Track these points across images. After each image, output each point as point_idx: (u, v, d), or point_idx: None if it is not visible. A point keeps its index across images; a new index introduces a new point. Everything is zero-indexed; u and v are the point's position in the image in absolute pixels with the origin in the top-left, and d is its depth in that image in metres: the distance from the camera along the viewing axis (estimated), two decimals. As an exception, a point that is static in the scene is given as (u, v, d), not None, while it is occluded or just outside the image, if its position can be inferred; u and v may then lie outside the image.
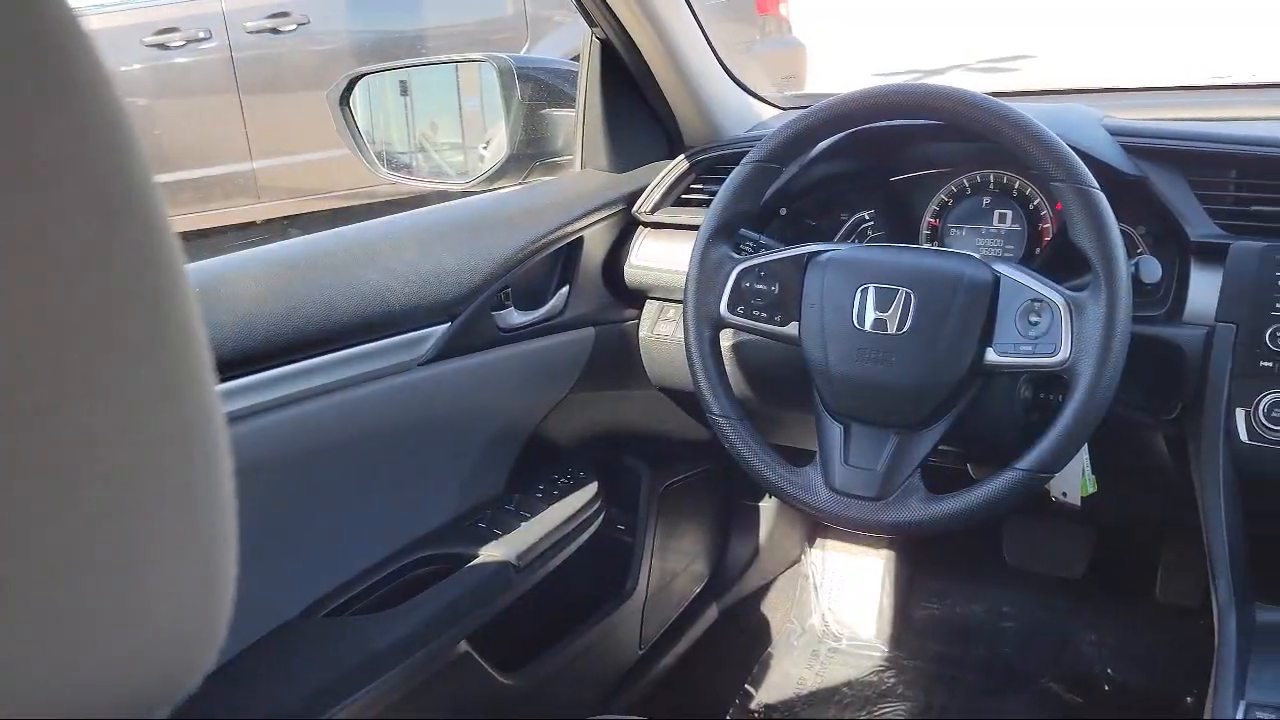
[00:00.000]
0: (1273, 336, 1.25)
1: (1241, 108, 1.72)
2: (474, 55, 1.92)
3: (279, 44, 5.24)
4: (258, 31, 5.19)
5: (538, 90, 1.89)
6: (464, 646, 1.55)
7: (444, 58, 2.08)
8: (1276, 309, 1.26)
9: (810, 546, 2.43)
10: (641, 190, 1.75)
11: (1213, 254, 1.34)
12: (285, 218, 5.39)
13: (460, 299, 1.49)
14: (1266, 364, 1.25)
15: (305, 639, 1.36)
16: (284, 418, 1.29)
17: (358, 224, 1.54)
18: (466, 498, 1.61)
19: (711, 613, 2.26)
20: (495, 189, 1.83)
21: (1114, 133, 1.43)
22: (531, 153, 1.89)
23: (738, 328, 1.39)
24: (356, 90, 1.90)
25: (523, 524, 1.59)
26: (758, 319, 1.35)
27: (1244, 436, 1.25)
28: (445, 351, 1.48)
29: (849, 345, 1.28)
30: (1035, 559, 2.22)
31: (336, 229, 1.51)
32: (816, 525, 2.42)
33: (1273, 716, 1.14)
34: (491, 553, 1.52)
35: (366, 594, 1.44)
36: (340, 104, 1.88)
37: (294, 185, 5.37)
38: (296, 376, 1.30)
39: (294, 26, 5.23)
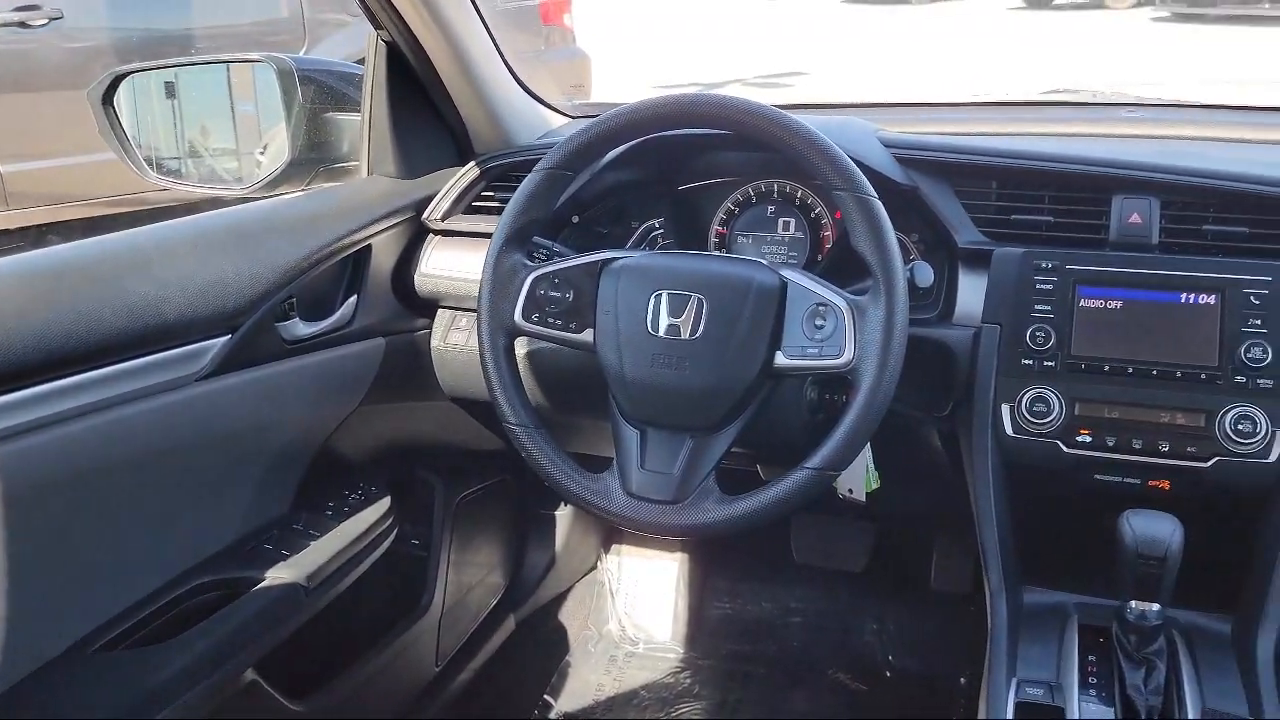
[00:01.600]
0: (1032, 336, 1.34)
1: (1000, 123, 1.84)
2: (251, 55, 1.84)
3: (28, 39, 4.87)
4: (3, 25, 4.80)
5: (320, 93, 1.83)
6: (251, 675, 1.48)
7: (218, 57, 1.99)
8: (1035, 311, 1.36)
9: (606, 553, 2.44)
10: (431, 197, 1.72)
11: (978, 260, 1.43)
12: (42, 225, 5.00)
13: (241, 310, 1.42)
14: (1027, 362, 1.34)
15: (73, 677, 1.26)
16: (45, 440, 1.19)
17: (126, 230, 1.44)
18: (251, 518, 1.53)
19: (509, 624, 2.24)
20: (276, 195, 1.76)
21: (887, 145, 1.51)
22: (315, 158, 1.82)
23: (532, 335, 1.38)
24: (121, 90, 1.78)
25: (312, 543, 1.53)
26: (552, 326, 1.35)
27: (1009, 430, 1.34)
28: (225, 365, 1.41)
29: (643, 351, 1.29)
30: (821, 555, 2.31)
31: (101, 236, 1.41)
32: (612, 532, 2.44)
33: (1041, 691, 1.22)
34: (279, 575, 1.45)
35: (143, 625, 1.35)
36: (103, 103, 1.76)
37: (51, 190, 4.98)
38: (59, 395, 1.21)
39: (45, 21, 4.86)
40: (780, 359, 1.26)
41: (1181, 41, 10.86)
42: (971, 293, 1.43)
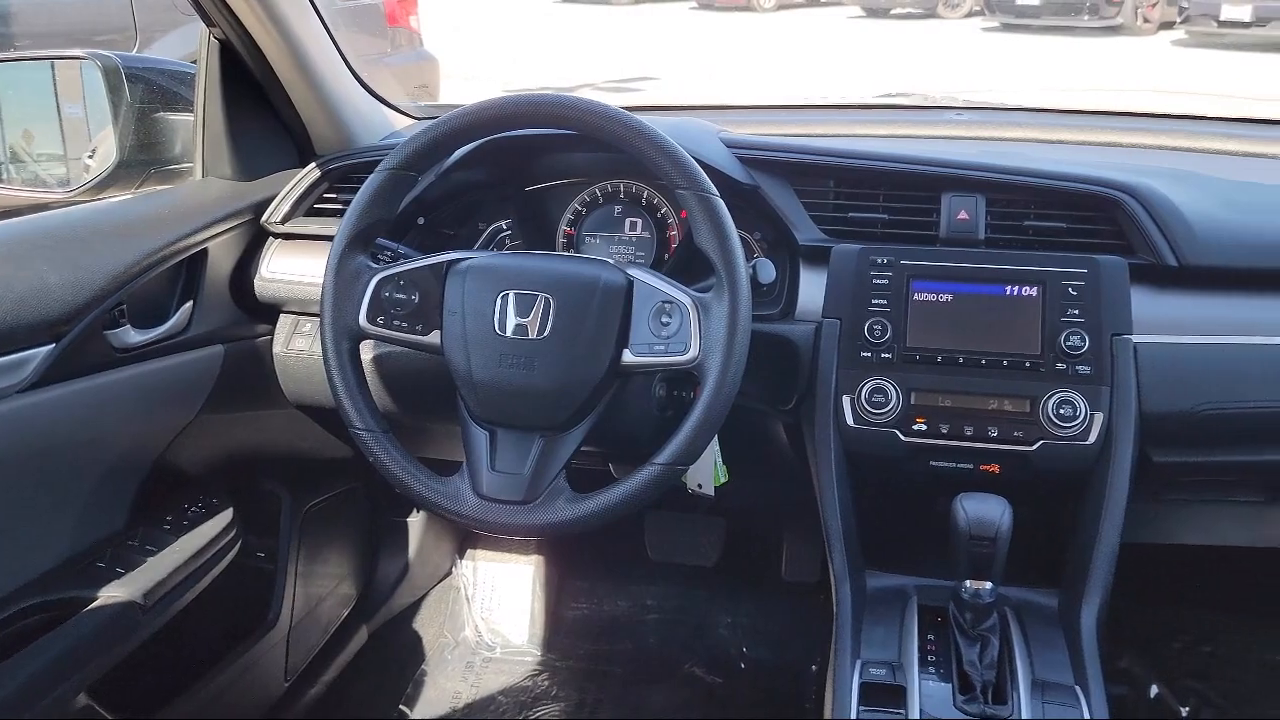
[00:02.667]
0: (870, 329, 1.39)
1: (838, 125, 1.91)
2: (74, 52, 1.75)
3: None
4: None
5: (150, 92, 1.76)
6: (84, 699, 1.41)
7: (37, 54, 1.89)
8: (873, 305, 1.41)
9: (461, 559, 2.42)
10: (270, 200, 1.67)
11: (818, 256, 1.48)
12: None
13: (65, 318, 1.35)
14: (866, 354, 1.39)
15: None
16: None
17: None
18: (83, 535, 1.46)
19: (361, 635, 2.20)
20: (103, 199, 1.68)
21: (730, 145, 1.54)
22: (145, 159, 1.75)
23: (378, 338, 1.36)
24: (-69, 88, 1.69)
25: (148, 560, 1.47)
26: (398, 329, 1.33)
27: (850, 420, 1.39)
28: (50, 376, 1.34)
29: (491, 352, 1.28)
30: (674, 551, 2.34)
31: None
32: (467, 537, 2.42)
33: (884, 671, 1.26)
34: (113, 593, 1.39)
35: None
36: (-90, 102, 1.66)
37: None
38: None
39: None
40: (627, 356, 1.27)
41: (1008, 50, 11.40)
42: (812, 289, 1.47)
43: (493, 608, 2.36)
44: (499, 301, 1.29)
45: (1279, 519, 1.67)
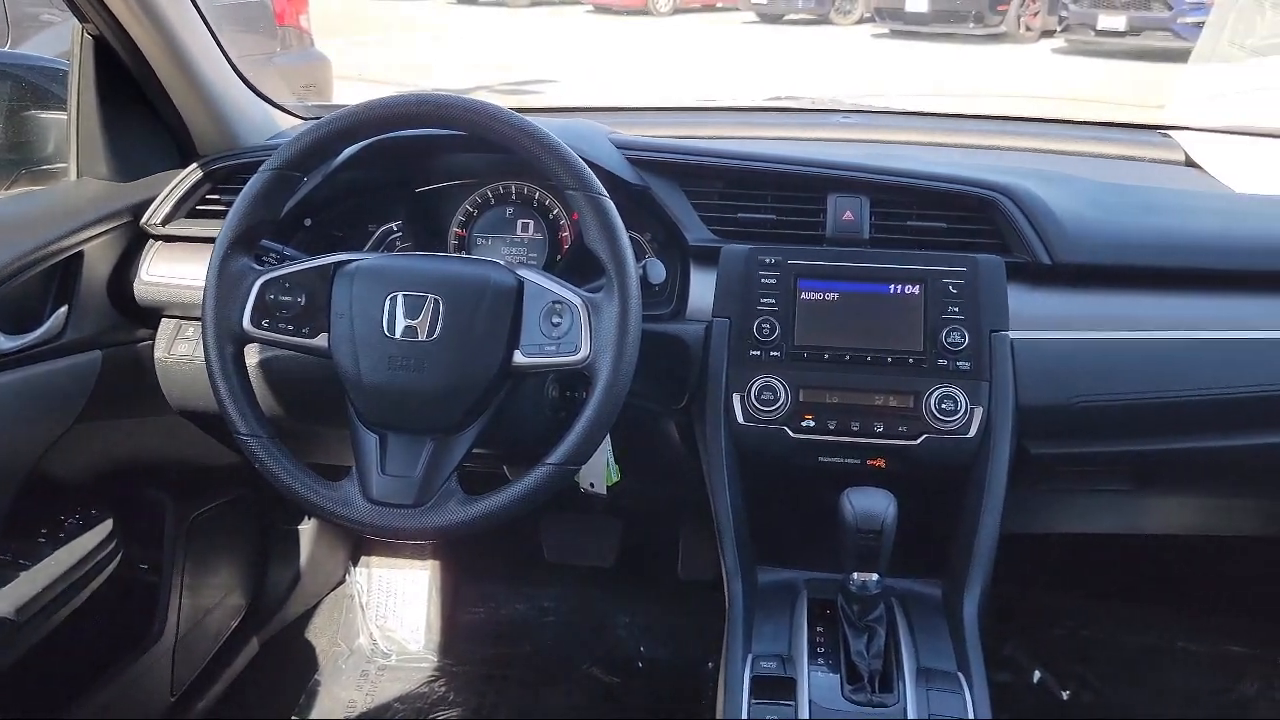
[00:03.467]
0: (758, 328, 1.41)
1: (728, 127, 1.93)
2: (-67, 46, 1.68)
3: None
4: None
5: (20, 90, 1.70)
6: (-48, 722, 1.36)
7: (-104, 49, 1.81)
8: (761, 304, 1.43)
9: (355, 566, 2.38)
10: (150, 201, 1.62)
11: (707, 257, 1.49)
12: None
13: None
14: (755, 353, 1.41)
15: None
16: None
17: None
18: None
19: (252, 646, 2.15)
20: (-31, 200, 1.62)
21: (620, 146, 1.55)
22: (15, 159, 1.69)
23: (263, 342, 1.33)
24: None
25: (21, 574, 1.41)
26: (284, 332, 1.30)
27: (740, 418, 1.41)
28: None
29: (380, 354, 1.27)
30: (571, 553, 2.33)
31: None
32: (360, 543, 2.38)
33: (775, 665, 1.28)
34: None
35: None
36: None
37: None
38: None
39: None
40: (518, 357, 1.27)
41: (898, 56, 11.67)
42: (702, 288, 1.49)
43: (388, 615, 2.33)
44: (388, 303, 1.28)
45: (1146, 506, 1.75)
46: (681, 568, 2.29)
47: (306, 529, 2.22)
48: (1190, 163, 1.79)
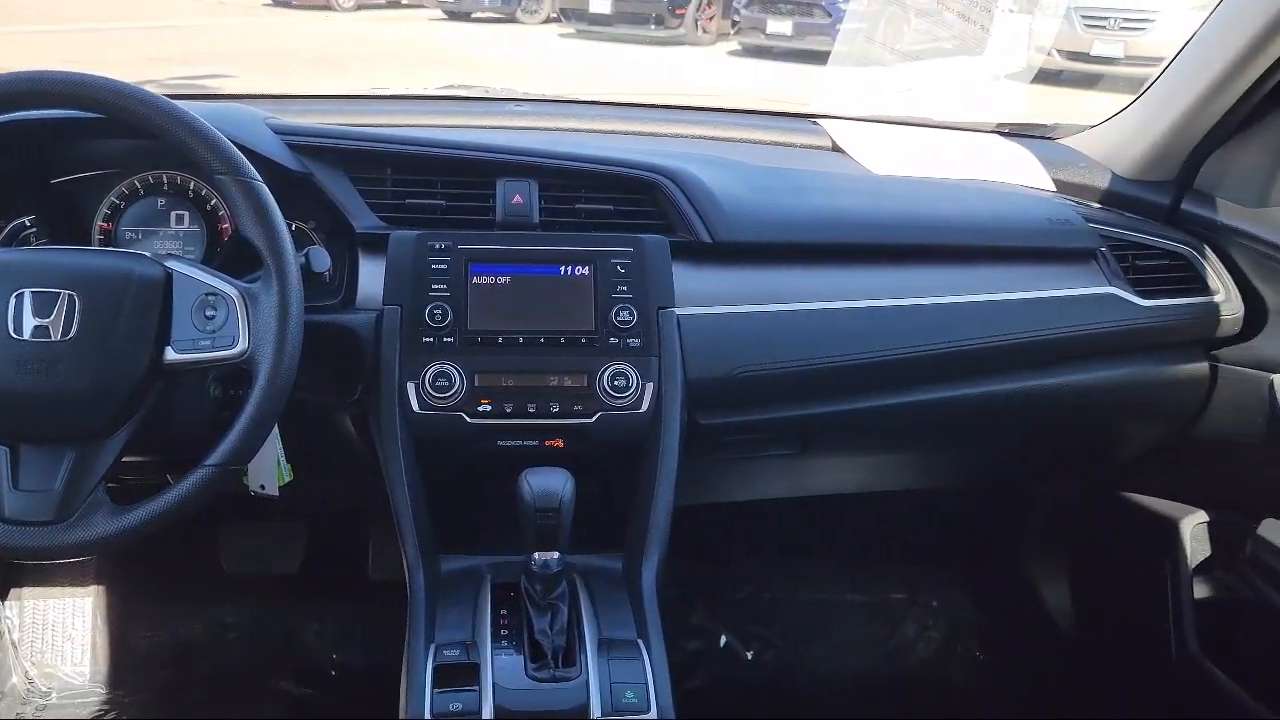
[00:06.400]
0: (430, 314, 1.40)
1: (398, 115, 1.89)
2: None
3: None
4: None
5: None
6: None
7: None
8: (432, 290, 1.41)
9: (4, 599, 2.15)
10: None
11: (376, 244, 1.46)
12: None
13: None
14: (428, 339, 1.39)
15: None
16: None
17: None
18: None
19: None
20: None
21: (280, 132, 1.48)
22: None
23: None
24: None
25: None
26: None
27: (415, 407, 1.38)
28: None
29: (7, 357, 1.15)
30: (252, 562, 2.22)
31: None
32: (8, 573, 2.16)
33: (457, 651, 1.27)
34: None
35: None
36: None
37: None
38: None
39: None
40: (170, 354, 1.19)
41: (584, 56, 11.91)
42: (372, 277, 1.46)
43: (45, 649, 2.12)
44: (13, 302, 1.16)
45: (812, 468, 1.87)
46: (372, 567, 2.22)
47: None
48: (836, 148, 1.93)
